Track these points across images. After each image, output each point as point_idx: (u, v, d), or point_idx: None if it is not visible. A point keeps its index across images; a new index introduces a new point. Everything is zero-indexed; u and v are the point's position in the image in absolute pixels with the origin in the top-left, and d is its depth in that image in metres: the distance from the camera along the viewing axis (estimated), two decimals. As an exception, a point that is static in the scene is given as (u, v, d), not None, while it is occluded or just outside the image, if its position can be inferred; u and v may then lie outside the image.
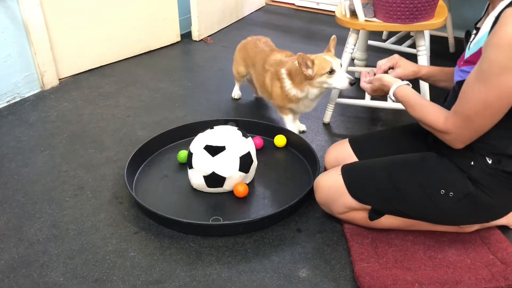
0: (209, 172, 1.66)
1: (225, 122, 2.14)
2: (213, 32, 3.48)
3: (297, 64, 1.90)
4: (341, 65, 1.89)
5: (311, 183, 1.66)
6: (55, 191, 1.78)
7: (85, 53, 2.78)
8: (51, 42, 2.54)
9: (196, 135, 1.77)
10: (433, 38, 3.12)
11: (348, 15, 2.06)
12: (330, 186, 1.50)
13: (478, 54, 1.20)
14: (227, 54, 3.06)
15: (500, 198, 1.30)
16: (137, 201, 1.62)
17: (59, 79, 2.68)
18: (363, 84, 1.56)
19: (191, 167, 1.71)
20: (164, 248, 1.50)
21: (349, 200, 1.45)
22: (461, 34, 2.79)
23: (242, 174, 1.70)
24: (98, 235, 1.56)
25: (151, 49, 3.16)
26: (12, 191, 1.78)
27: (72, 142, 2.10)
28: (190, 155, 1.71)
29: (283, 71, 1.98)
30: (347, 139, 1.69)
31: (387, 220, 1.47)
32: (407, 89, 1.39)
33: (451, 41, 3.05)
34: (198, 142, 1.70)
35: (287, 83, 1.97)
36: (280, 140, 2.03)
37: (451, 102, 1.28)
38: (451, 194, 1.31)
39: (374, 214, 1.46)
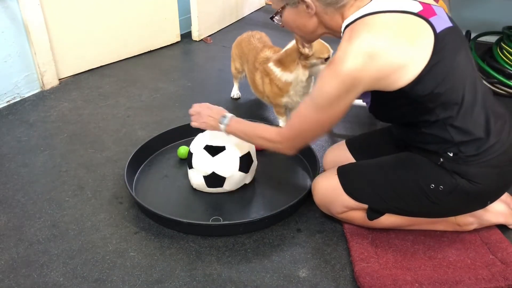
0: (209, 172, 1.66)
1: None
2: (213, 32, 3.48)
3: (290, 46, 1.93)
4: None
5: (311, 183, 1.66)
6: (55, 191, 1.78)
7: (85, 53, 2.78)
8: (51, 42, 2.54)
9: (196, 135, 1.77)
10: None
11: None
12: (327, 187, 1.51)
13: None
14: (227, 54, 3.06)
15: (488, 180, 1.30)
16: (137, 201, 1.62)
17: (59, 79, 2.68)
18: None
19: (191, 167, 1.71)
20: (164, 248, 1.50)
21: (347, 200, 1.46)
22: (462, 32, 2.79)
23: (242, 174, 1.70)
24: (98, 235, 1.56)
25: (151, 49, 3.16)
26: (12, 191, 1.78)
27: (72, 142, 2.10)
28: (190, 155, 1.71)
29: (270, 64, 2.00)
30: (344, 141, 1.70)
31: (387, 220, 1.47)
32: (236, 124, 1.52)
33: (451, 41, 3.05)
34: (198, 142, 1.70)
35: (276, 71, 1.98)
36: None
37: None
38: (441, 188, 1.31)
39: (373, 214, 1.46)
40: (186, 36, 3.39)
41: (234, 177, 1.69)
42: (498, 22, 2.70)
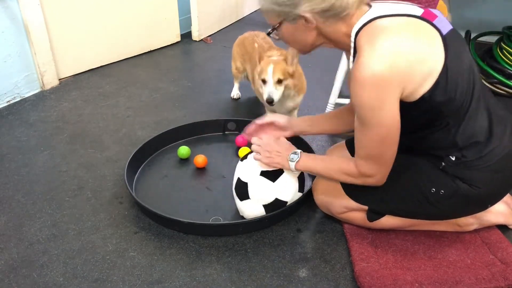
0: (271, 200, 1.52)
1: (225, 122, 2.15)
2: (213, 32, 3.48)
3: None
4: (279, 80, 1.89)
5: (311, 183, 1.66)
6: (55, 191, 1.78)
7: (85, 53, 2.78)
8: (51, 42, 2.54)
9: (196, 135, 1.76)
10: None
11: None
12: (327, 187, 1.51)
13: None
14: (227, 54, 3.06)
15: (489, 184, 1.30)
16: (137, 201, 1.62)
17: (59, 79, 2.68)
18: (255, 155, 1.51)
19: (245, 198, 1.53)
20: (164, 248, 1.50)
21: (347, 201, 1.46)
22: (461, 34, 2.79)
23: (299, 194, 1.57)
24: (98, 235, 1.56)
25: (151, 49, 3.16)
26: (12, 191, 1.78)
27: (72, 142, 2.10)
28: (242, 185, 1.53)
29: None
30: (344, 141, 1.70)
31: (387, 221, 1.47)
32: (305, 162, 1.43)
33: (451, 41, 3.05)
34: (248, 170, 1.53)
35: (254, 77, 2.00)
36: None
37: None
38: (441, 192, 1.31)
39: (373, 215, 1.46)
40: (186, 36, 3.39)
41: (293, 200, 1.56)
42: (498, 22, 2.70)
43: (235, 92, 2.52)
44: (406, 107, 1.20)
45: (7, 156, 2.00)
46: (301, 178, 1.58)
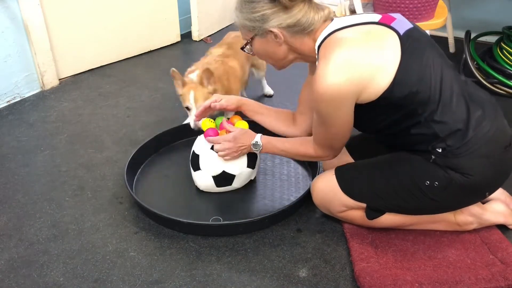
0: (219, 171, 1.66)
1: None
2: (213, 32, 3.48)
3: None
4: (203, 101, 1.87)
5: (311, 183, 1.66)
6: (55, 191, 1.78)
7: (85, 53, 2.78)
8: (51, 42, 2.54)
9: (196, 134, 1.77)
10: (432, 38, 3.11)
11: (348, 14, 2.06)
12: (325, 187, 1.51)
13: None
14: (227, 54, 3.06)
15: (481, 171, 1.31)
16: (137, 201, 1.62)
17: (59, 79, 2.68)
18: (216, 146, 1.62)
19: (197, 169, 1.70)
20: (164, 248, 1.50)
21: (345, 199, 1.46)
22: (461, 34, 2.79)
23: (250, 170, 1.71)
24: (98, 235, 1.56)
25: (151, 49, 3.16)
26: (12, 191, 1.78)
27: (72, 142, 2.10)
28: (195, 157, 1.69)
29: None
30: None
31: (387, 219, 1.47)
32: (267, 149, 1.55)
33: (451, 41, 3.05)
34: (203, 144, 1.69)
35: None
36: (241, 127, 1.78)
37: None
38: (436, 184, 1.33)
39: (372, 213, 1.46)
40: (186, 36, 3.39)
41: (243, 174, 1.69)
42: (498, 22, 2.70)
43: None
44: (369, 107, 1.28)
45: (7, 156, 2.00)
46: (251, 155, 1.68)
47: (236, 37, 2.22)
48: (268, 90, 2.50)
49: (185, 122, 2.11)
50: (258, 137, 1.55)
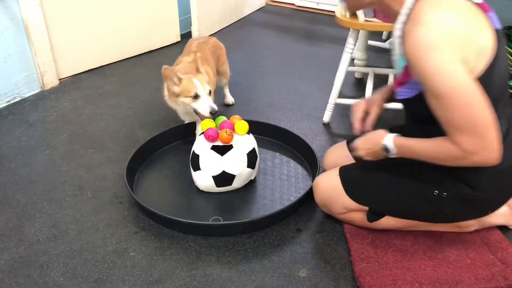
0: (219, 171, 1.66)
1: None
2: (213, 32, 3.48)
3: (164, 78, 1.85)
4: (210, 91, 1.84)
5: (311, 183, 1.66)
6: (55, 191, 1.78)
7: (85, 53, 2.78)
8: (51, 42, 2.54)
9: (195, 135, 1.77)
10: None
11: (348, 15, 2.06)
12: (328, 187, 1.50)
13: (405, 75, 1.21)
14: (227, 54, 3.06)
15: (493, 190, 1.28)
16: (137, 201, 1.62)
17: (59, 79, 2.68)
18: (357, 150, 1.43)
19: (197, 169, 1.70)
20: (164, 248, 1.50)
21: (347, 201, 1.45)
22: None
23: (250, 170, 1.71)
24: (98, 235, 1.56)
25: (151, 49, 3.16)
26: (12, 191, 1.78)
27: (72, 142, 2.11)
28: (195, 157, 1.69)
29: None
30: (345, 141, 1.69)
31: (387, 222, 1.47)
32: (400, 141, 1.29)
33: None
34: (203, 144, 1.69)
35: (165, 92, 1.94)
36: (241, 127, 1.75)
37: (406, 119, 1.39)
38: (444, 195, 1.30)
39: (373, 216, 1.46)
40: (186, 36, 3.39)
41: (242, 174, 1.70)
42: (498, 22, 2.70)
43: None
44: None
45: (7, 156, 2.00)
46: (251, 155, 1.68)
47: (200, 44, 2.16)
48: (229, 99, 2.44)
49: (186, 122, 2.10)
50: (389, 142, 1.29)
